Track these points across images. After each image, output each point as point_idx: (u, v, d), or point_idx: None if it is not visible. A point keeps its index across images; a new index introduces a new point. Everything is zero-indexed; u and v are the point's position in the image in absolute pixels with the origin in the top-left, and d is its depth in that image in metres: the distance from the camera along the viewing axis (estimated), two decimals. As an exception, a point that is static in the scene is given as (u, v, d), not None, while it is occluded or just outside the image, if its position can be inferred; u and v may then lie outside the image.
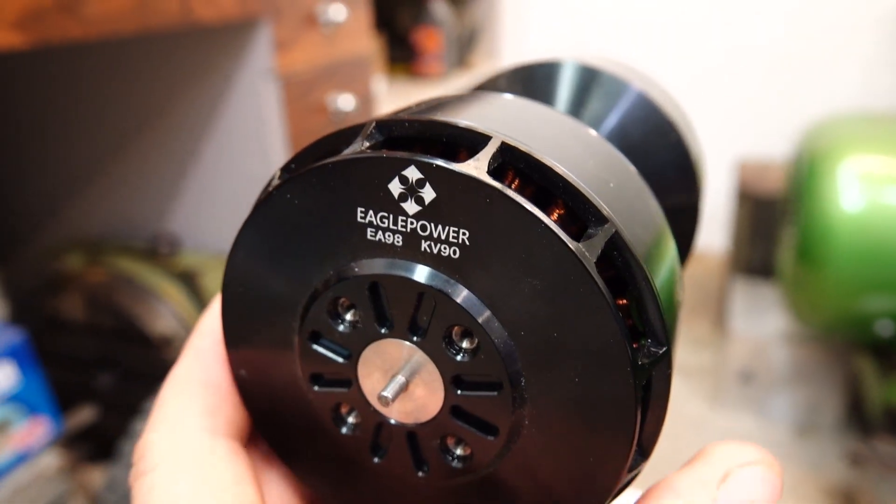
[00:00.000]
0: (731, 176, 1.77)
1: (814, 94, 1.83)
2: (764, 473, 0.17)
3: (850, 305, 1.13)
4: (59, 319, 0.91)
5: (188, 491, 0.18)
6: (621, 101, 0.30)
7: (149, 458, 0.19)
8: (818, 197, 1.13)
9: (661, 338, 0.17)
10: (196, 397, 0.21)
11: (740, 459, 0.17)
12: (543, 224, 0.16)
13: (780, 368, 1.35)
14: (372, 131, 0.18)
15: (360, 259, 0.18)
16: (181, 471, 0.19)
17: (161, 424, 0.20)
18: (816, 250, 1.13)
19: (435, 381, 0.18)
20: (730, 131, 1.93)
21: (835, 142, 1.19)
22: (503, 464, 0.18)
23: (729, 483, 0.16)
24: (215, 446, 0.20)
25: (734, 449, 0.17)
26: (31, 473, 0.71)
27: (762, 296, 1.49)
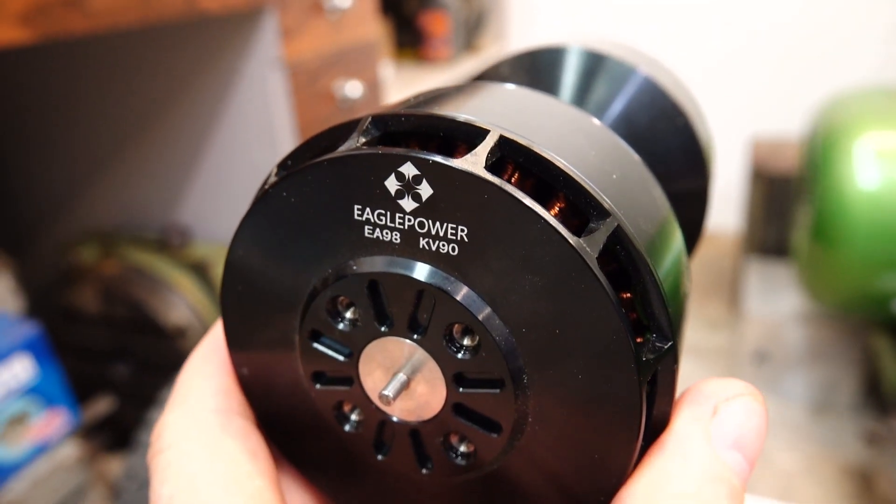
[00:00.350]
0: (744, 155, 1.74)
1: (829, 71, 1.80)
2: (750, 404, 0.17)
3: (866, 284, 1.11)
4: (74, 312, 0.92)
5: (203, 466, 0.19)
6: (627, 85, 0.29)
7: (165, 438, 0.20)
8: (833, 174, 1.11)
9: (667, 332, 0.17)
10: (211, 379, 0.21)
11: (727, 393, 0.18)
12: (543, 220, 0.15)
13: (795, 348, 1.34)
14: (368, 126, 0.18)
15: (358, 257, 0.18)
16: (196, 448, 0.19)
17: (177, 406, 0.21)
18: (832, 229, 1.11)
19: (436, 378, 0.18)
20: (744, 109, 1.91)
21: (850, 118, 1.17)
22: (507, 461, 0.18)
23: (719, 417, 0.17)
24: (229, 424, 0.20)
25: (720, 384, 0.18)
26: (50, 464, 0.73)
27: (777, 275, 1.47)
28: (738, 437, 0.17)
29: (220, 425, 0.20)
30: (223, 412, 0.21)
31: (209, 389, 0.21)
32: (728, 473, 0.16)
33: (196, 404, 0.20)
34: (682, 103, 0.29)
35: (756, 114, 1.90)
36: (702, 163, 0.30)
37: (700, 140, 0.29)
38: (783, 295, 1.40)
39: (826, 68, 1.81)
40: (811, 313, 1.32)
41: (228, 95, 0.89)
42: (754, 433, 0.17)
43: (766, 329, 1.36)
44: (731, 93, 1.92)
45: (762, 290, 1.43)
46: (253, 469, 0.19)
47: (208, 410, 0.20)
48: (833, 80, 1.73)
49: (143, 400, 0.85)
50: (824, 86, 1.67)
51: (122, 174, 0.99)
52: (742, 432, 0.17)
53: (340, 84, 0.95)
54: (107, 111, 0.95)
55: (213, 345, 0.22)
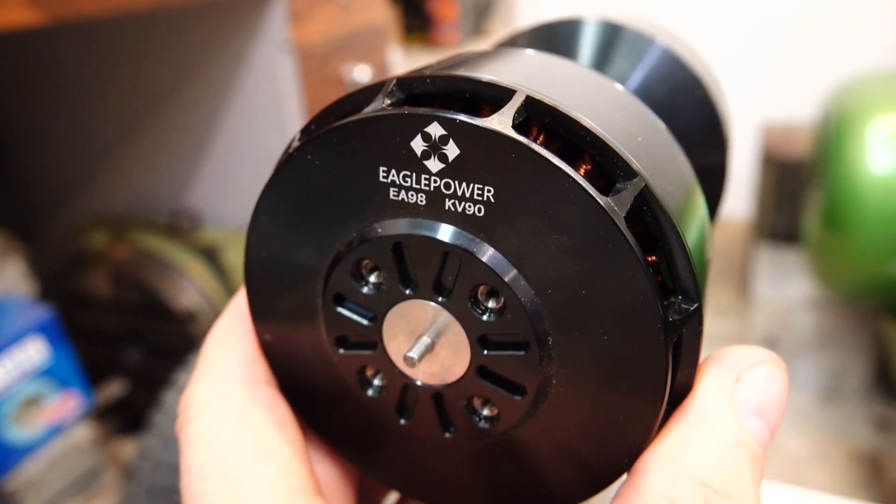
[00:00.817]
0: (755, 141, 1.73)
1: (841, 56, 1.78)
2: (772, 371, 0.18)
3: (878, 270, 1.11)
4: (86, 296, 0.92)
5: (233, 435, 0.19)
6: (646, 57, 0.29)
7: (193, 408, 0.20)
8: (846, 159, 1.10)
9: (693, 294, 0.17)
10: (236, 350, 0.21)
11: (749, 361, 0.18)
12: (571, 178, 0.15)
13: (805, 334, 1.34)
14: (393, 88, 0.18)
15: (382, 219, 0.18)
16: (225, 417, 0.19)
17: (204, 376, 0.21)
18: (843, 214, 1.11)
19: (461, 341, 0.18)
20: (755, 94, 1.89)
21: (863, 102, 1.16)
22: (531, 424, 0.18)
23: (742, 384, 0.18)
24: (256, 394, 0.20)
25: (743, 351, 0.18)
26: (64, 445, 0.73)
27: (787, 262, 1.47)
28: (761, 403, 0.17)
29: (247, 395, 0.20)
30: (250, 381, 0.21)
31: (235, 359, 0.21)
32: (750, 440, 0.17)
33: (222, 374, 0.20)
34: (701, 75, 0.29)
35: (767, 99, 1.89)
36: (721, 136, 0.29)
37: (719, 113, 0.29)
38: (793, 281, 1.40)
39: (838, 53, 1.79)
40: (821, 299, 1.32)
41: (237, 79, 0.88)
42: (776, 400, 0.17)
43: (775, 315, 1.35)
44: (743, 78, 1.91)
45: (772, 276, 1.43)
46: (282, 438, 0.19)
47: (235, 380, 0.20)
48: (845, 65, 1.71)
49: (154, 383, 0.85)
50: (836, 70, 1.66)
51: (132, 159, 1.00)
52: (764, 399, 0.17)
53: (349, 68, 0.94)
54: (116, 96, 0.95)
55: (236, 315, 0.22)
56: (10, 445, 0.67)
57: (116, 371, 0.93)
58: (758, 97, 1.89)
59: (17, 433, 0.67)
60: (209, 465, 0.18)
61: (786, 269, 1.44)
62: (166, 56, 0.90)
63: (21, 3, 0.54)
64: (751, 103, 1.88)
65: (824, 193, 1.15)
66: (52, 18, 0.56)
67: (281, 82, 0.87)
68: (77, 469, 0.75)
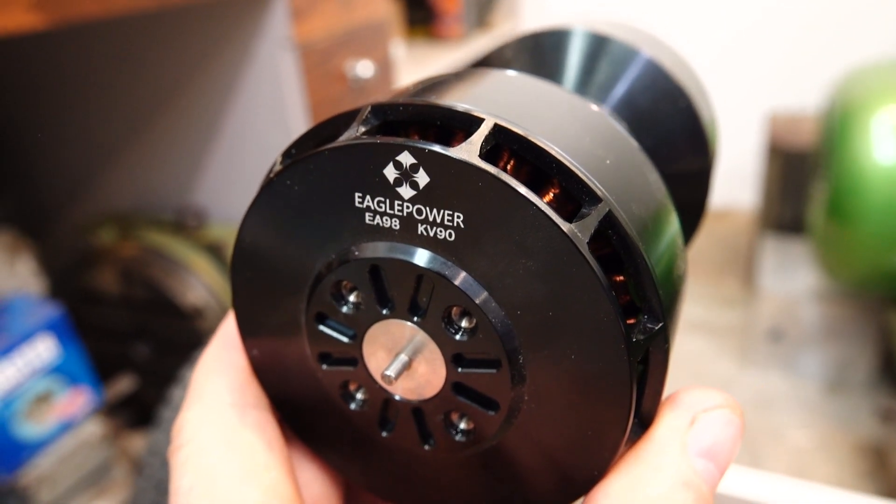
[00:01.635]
0: (761, 130, 1.72)
1: (848, 44, 1.76)
2: (727, 415, 0.18)
3: (883, 261, 1.10)
4: (94, 293, 0.94)
5: (221, 459, 0.20)
6: (630, 68, 0.29)
7: (184, 433, 0.21)
8: (850, 149, 1.10)
9: (658, 313, 0.17)
10: (225, 375, 0.22)
11: (706, 404, 0.19)
12: (535, 206, 0.16)
13: (810, 326, 1.34)
14: (367, 116, 0.18)
15: (360, 243, 0.18)
16: (214, 441, 0.20)
17: (194, 402, 0.21)
18: (848, 205, 1.10)
19: (437, 359, 0.19)
20: (761, 84, 1.88)
21: (868, 91, 1.15)
22: (506, 437, 0.19)
23: (696, 426, 0.18)
24: (245, 418, 0.21)
25: (700, 394, 0.19)
26: (75, 441, 0.75)
27: (792, 253, 1.46)
28: (712, 446, 0.18)
29: (236, 419, 0.21)
30: (239, 406, 0.21)
31: (224, 385, 0.22)
32: (698, 481, 0.18)
33: (212, 400, 0.21)
34: (684, 85, 0.29)
35: (774, 88, 1.88)
36: (704, 143, 0.30)
37: (702, 121, 0.30)
38: (799, 272, 1.39)
39: (846, 40, 1.77)
40: (827, 291, 1.32)
41: (240, 77, 0.89)
42: (728, 443, 0.18)
43: (781, 306, 1.35)
44: (749, 67, 1.90)
45: (777, 268, 1.43)
46: (269, 461, 0.20)
47: (224, 405, 0.21)
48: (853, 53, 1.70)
49: (163, 378, 0.87)
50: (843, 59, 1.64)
51: (138, 157, 1.01)
52: (716, 442, 0.18)
53: (352, 64, 0.95)
54: (121, 95, 0.96)
55: (224, 342, 0.23)
56: (21, 441, 0.68)
57: (125, 367, 0.95)
58: (764, 85, 1.88)
59: (28, 429, 0.69)
60: (197, 486, 0.19)
61: (791, 261, 1.44)
62: (170, 55, 0.91)
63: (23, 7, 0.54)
64: (757, 92, 1.87)
65: (829, 184, 1.15)
66: (55, 21, 0.57)
67: (284, 79, 0.87)
68: (88, 464, 0.77)
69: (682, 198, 0.31)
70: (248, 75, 0.89)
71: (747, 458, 1.20)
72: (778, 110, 1.70)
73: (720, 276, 1.74)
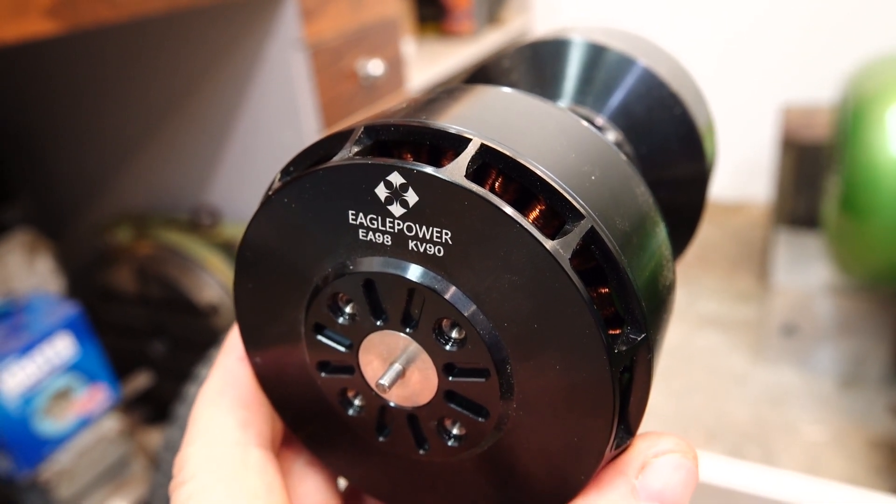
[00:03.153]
0: (775, 123, 1.71)
1: (864, 35, 1.74)
2: (679, 461, 0.19)
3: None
4: (112, 291, 0.96)
5: (223, 498, 0.20)
6: (626, 77, 0.30)
7: (186, 470, 0.21)
8: (864, 143, 1.09)
9: (641, 325, 0.18)
10: (228, 412, 0.22)
11: (657, 449, 0.19)
12: (518, 224, 0.17)
13: (824, 321, 1.33)
14: (361, 136, 0.19)
15: (354, 257, 0.19)
16: (216, 480, 0.20)
17: (197, 438, 0.22)
18: (862, 199, 1.09)
19: (429, 368, 0.19)
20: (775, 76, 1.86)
21: (882, 83, 1.14)
22: (497, 443, 0.20)
23: (646, 472, 0.19)
24: (248, 457, 0.21)
25: (651, 441, 0.19)
26: (94, 436, 0.77)
27: (806, 247, 1.45)
28: (662, 490, 0.18)
29: (239, 458, 0.21)
30: (241, 445, 0.22)
31: (228, 423, 0.22)
32: None
33: (215, 438, 0.21)
34: (680, 92, 0.30)
35: (788, 81, 1.86)
36: (699, 149, 0.30)
37: (698, 127, 0.30)
38: (813, 267, 1.39)
39: (860, 33, 1.75)
40: (841, 285, 1.31)
41: (252, 78, 0.90)
42: (679, 487, 0.19)
43: (794, 301, 1.35)
44: (763, 59, 1.88)
45: (791, 262, 1.42)
46: (270, 501, 0.20)
47: (227, 443, 0.21)
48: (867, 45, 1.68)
49: (179, 375, 0.88)
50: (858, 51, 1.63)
51: (153, 157, 1.02)
52: (667, 486, 0.18)
53: (363, 63, 0.96)
54: (135, 97, 0.98)
55: (226, 376, 0.23)
56: (42, 437, 0.70)
57: (143, 363, 0.97)
58: (778, 78, 1.86)
59: (48, 425, 0.71)
60: None
61: (806, 255, 1.43)
62: (182, 57, 0.92)
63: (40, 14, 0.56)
64: (771, 84, 1.85)
65: (842, 178, 1.14)
66: (70, 27, 0.58)
67: (295, 79, 0.88)
68: (106, 459, 0.79)
69: (679, 203, 0.32)
70: (259, 76, 0.90)
71: (759, 452, 1.20)
72: (792, 103, 1.69)
73: (734, 271, 1.73)
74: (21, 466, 0.69)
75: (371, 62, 0.97)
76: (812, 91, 1.78)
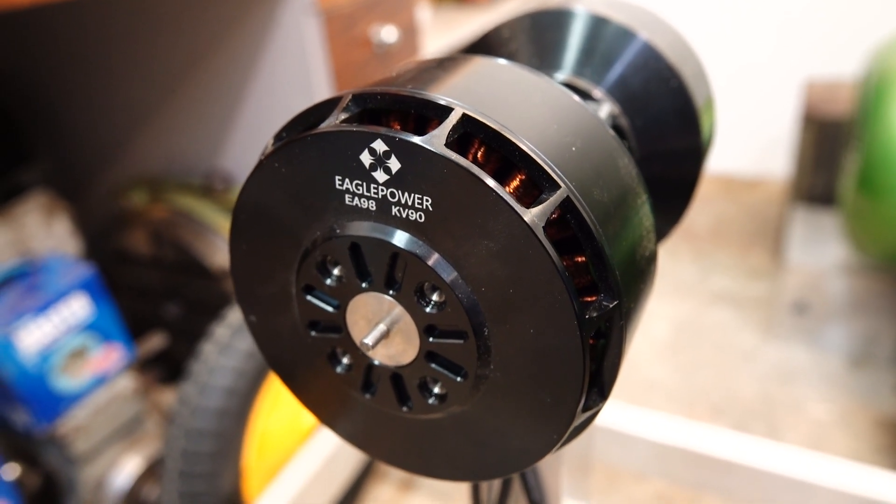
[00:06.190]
0: (798, 98, 1.68)
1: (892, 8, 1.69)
2: None
3: (913, 235, 1.08)
4: (127, 254, 0.98)
5: None
6: (625, 50, 0.30)
7: None
8: (883, 121, 1.07)
9: (615, 293, 0.18)
10: None
11: None
12: (494, 192, 0.17)
13: (836, 299, 1.32)
14: (349, 104, 0.19)
15: (341, 222, 0.20)
16: None
17: None
18: (879, 178, 1.08)
19: (411, 329, 0.20)
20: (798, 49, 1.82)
21: (907, 61, 1.12)
22: (475, 401, 0.21)
23: None
24: None
25: None
26: (109, 394, 0.79)
27: (822, 225, 1.44)
28: None
29: None
30: None
31: None
32: None
33: None
34: (678, 66, 0.30)
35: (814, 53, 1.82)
36: (695, 123, 0.30)
37: (694, 101, 0.30)
38: (827, 245, 1.37)
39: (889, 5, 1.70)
40: (855, 264, 1.30)
41: (265, 43, 0.90)
42: None
43: (807, 279, 1.34)
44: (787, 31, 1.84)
45: (806, 240, 1.41)
46: None
47: None
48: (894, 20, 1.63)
49: (192, 336, 0.90)
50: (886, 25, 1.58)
51: (167, 122, 1.03)
52: None
53: (376, 29, 0.95)
54: (151, 63, 0.99)
55: None
56: (59, 394, 0.73)
57: (157, 325, 0.99)
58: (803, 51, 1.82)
59: (65, 383, 0.73)
60: None
61: (821, 233, 1.41)
62: (196, 22, 0.93)
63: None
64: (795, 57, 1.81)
65: (860, 156, 1.12)
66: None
67: (308, 45, 0.88)
68: (122, 416, 0.82)
69: (674, 175, 0.32)
70: (273, 41, 0.90)
71: (765, 429, 1.20)
72: (816, 78, 1.65)
73: (748, 247, 1.72)
74: (39, 421, 0.71)
75: (385, 29, 0.96)
76: (838, 65, 1.74)
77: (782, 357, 1.37)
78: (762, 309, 1.51)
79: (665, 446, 0.74)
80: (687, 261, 1.70)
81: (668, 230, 0.35)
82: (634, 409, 0.78)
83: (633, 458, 0.76)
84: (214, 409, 0.76)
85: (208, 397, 0.76)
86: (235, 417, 0.77)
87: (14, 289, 0.73)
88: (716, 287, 1.59)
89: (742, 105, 1.91)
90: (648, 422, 0.75)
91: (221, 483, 0.76)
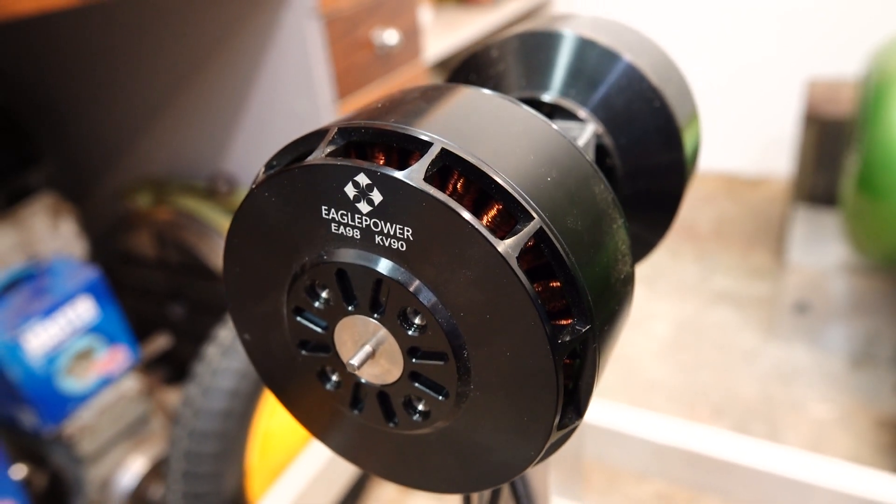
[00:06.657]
0: (799, 97, 1.68)
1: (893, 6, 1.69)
2: None
3: (912, 237, 1.09)
4: (131, 255, 0.99)
5: None
6: (610, 72, 0.31)
7: None
8: (883, 122, 1.07)
9: (587, 317, 0.19)
10: None
11: None
12: (470, 225, 0.18)
13: (837, 299, 1.32)
14: (335, 137, 0.20)
15: (328, 248, 0.21)
16: None
17: None
18: (879, 178, 1.08)
19: (395, 351, 0.21)
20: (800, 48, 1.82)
21: (908, 62, 1.12)
22: (457, 419, 0.22)
23: None
24: None
25: None
26: (115, 395, 0.81)
27: (824, 225, 1.44)
28: None
29: None
30: None
31: None
32: None
33: None
34: (660, 86, 0.31)
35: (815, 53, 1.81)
36: (677, 139, 0.31)
37: (676, 119, 0.31)
38: (829, 245, 1.38)
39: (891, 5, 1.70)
40: (856, 264, 1.30)
41: (268, 46, 0.91)
42: None
43: (808, 279, 1.34)
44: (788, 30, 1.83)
45: (807, 240, 1.41)
46: None
47: None
48: None
49: (197, 337, 0.92)
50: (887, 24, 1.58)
51: (171, 124, 1.05)
52: None
53: (378, 32, 0.96)
54: (155, 66, 1.00)
55: None
56: (65, 394, 0.74)
57: (162, 325, 1.00)
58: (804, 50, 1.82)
59: (71, 384, 0.75)
60: None
61: (822, 233, 1.42)
62: (200, 25, 0.94)
63: (58, -13, 0.57)
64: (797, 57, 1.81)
65: (861, 156, 1.12)
66: (88, 0, 0.59)
67: (310, 48, 0.89)
68: (127, 416, 0.83)
69: (658, 190, 0.33)
70: (275, 45, 0.91)
71: (765, 429, 1.21)
72: (818, 77, 1.65)
73: (750, 247, 1.72)
74: (46, 421, 0.73)
75: (386, 32, 0.97)
76: (840, 65, 1.74)
77: (783, 357, 1.37)
78: (763, 309, 1.51)
79: (665, 447, 0.75)
80: (688, 260, 1.71)
81: (655, 241, 0.36)
82: (634, 409, 0.79)
83: (632, 459, 0.77)
84: (218, 410, 0.77)
85: (212, 399, 0.78)
86: (239, 419, 0.78)
87: (21, 292, 0.75)
88: (717, 287, 1.60)
89: (744, 104, 1.91)
90: (648, 422, 0.76)
91: (225, 483, 0.77)
